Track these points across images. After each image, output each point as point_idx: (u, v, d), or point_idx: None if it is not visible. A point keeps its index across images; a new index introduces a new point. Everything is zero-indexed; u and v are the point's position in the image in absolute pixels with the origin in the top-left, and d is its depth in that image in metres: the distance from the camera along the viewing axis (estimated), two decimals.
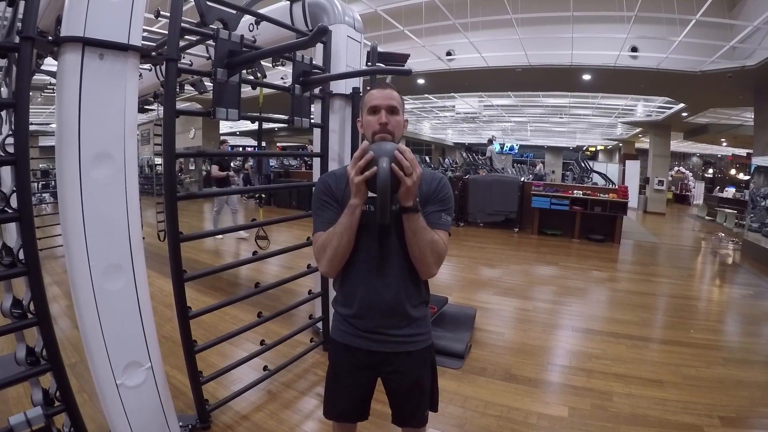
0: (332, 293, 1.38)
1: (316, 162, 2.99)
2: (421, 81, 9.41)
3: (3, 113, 2.07)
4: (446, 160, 12.75)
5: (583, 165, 11.02)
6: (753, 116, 8.10)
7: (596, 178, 10.95)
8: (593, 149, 22.58)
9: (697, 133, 13.75)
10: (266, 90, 2.66)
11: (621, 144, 19.88)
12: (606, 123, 15.63)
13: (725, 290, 5.32)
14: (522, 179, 8.90)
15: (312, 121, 2.70)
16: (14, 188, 1.42)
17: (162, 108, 2.05)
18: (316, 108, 2.91)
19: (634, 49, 6.67)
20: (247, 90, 2.49)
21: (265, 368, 2.51)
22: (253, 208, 8.41)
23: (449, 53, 7.61)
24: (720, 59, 6.31)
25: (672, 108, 10.62)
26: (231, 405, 2.30)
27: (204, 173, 15.82)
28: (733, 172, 19.23)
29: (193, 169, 15.49)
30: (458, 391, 2.54)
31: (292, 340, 2.84)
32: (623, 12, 5.82)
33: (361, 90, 2.89)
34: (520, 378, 2.73)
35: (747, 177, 13.08)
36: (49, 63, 2.56)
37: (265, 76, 3.27)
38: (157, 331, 1.77)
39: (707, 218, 10.00)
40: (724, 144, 16.89)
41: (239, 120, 2.20)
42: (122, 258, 1.58)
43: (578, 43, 6.74)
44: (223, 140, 8.87)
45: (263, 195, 5.26)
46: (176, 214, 1.90)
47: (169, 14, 1.80)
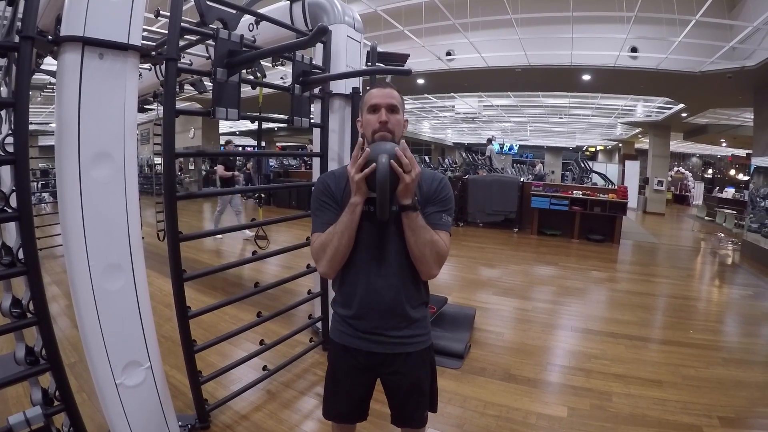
0: (332, 293, 1.38)
1: (316, 162, 2.99)
2: (421, 81, 9.41)
3: (3, 112, 2.07)
4: (446, 160, 12.75)
5: (583, 165, 11.02)
6: (752, 117, 8.11)
7: (596, 179, 10.96)
8: (593, 149, 22.59)
9: (697, 134, 13.76)
10: (266, 90, 2.66)
11: (620, 144, 19.89)
12: (605, 123, 15.63)
13: (724, 291, 5.32)
14: (521, 179, 8.91)
15: (312, 121, 2.70)
16: (14, 188, 1.42)
17: (162, 108, 2.05)
18: (316, 108, 2.91)
19: (634, 50, 6.68)
20: (247, 90, 2.49)
21: (265, 368, 2.51)
22: (253, 208, 8.40)
23: (449, 53, 7.61)
24: (720, 60, 6.32)
25: (671, 108, 10.63)
26: (230, 405, 2.30)
27: (204, 173, 15.83)
28: (733, 173, 19.26)
29: (193, 169, 15.49)
30: (457, 391, 2.54)
31: (292, 340, 2.84)
32: (623, 12, 5.82)
33: (361, 90, 2.89)
34: (520, 378, 2.73)
35: (746, 177, 13.10)
36: (49, 62, 2.56)
37: (265, 76, 3.27)
38: (157, 331, 1.77)
39: (707, 219, 10.01)
40: (724, 144, 16.91)
41: (239, 120, 2.20)
42: (122, 258, 1.58)
43: (578, 44, 6.74)
44: (228, 140, 8.77)
45: (263, 195, 5.26)
46: (176, 214, 1.90)
47: (169, 14, 1.80)
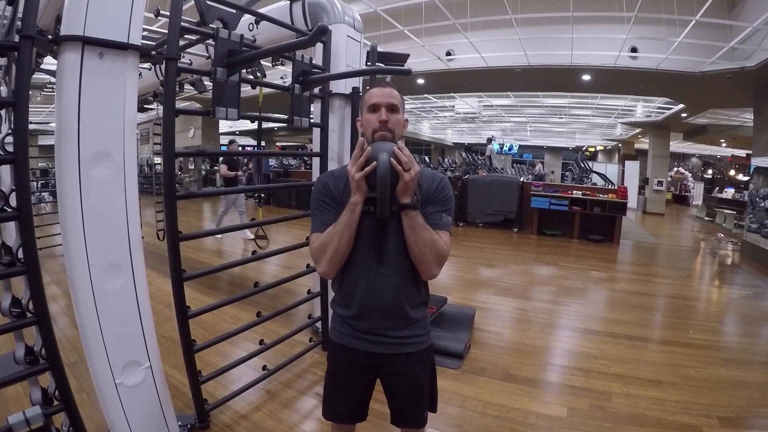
0: (332, 293, 1.37)
1: (316, 162, 2.99)
2: (421, 81, 9.41)
3: (2, 112, 2.07)
4: (445, 160, 12.75)
5: (583, 165, 11.02)
6: (752, 117, 8.11)
7: (595, 179, 10.96)
8: (593, 149, 22.59)
9: (697, 134, 13.77)
10: (266, 89, 2.66)
11: (620, 144, 19.90)
12: (605, 123, 15.64)
13: (724, 291, 5.33)
14: (521, 179, 8.91)
15: (311, 121, 2.70)
16: (13, 187, 1.42)
17: (161, 107, 2.05)
18: (316, 107, 2.91)
19: (634, 50, 6.68)
20: (247, 89, 2.49)
21: (264, 368, 2.51)
22: (253, 208, 8.40)
23: (449, 53, 7.61)
24: (719, 60, 6.32)
25: (671, 108, 10.64)
26: (230, 404, 2.30)
27: (203, 172, 15.82)
28: (733, 173, 19.27)
29: (193, 169, 15.49)
30: (457, 391, 2.54)
31: (291, 340, 2.84)
32: (623, 12, 5.82)
33: (361, 90, 2.89)
34: (519, 378, 2.73)
35: (746, 178, 13.11)
36: (49, 62, 2.56)
37: (265, 76, 3.27)
38: (156, 331, 1.77)
39: (706, 219, 10.02)
40: (724, 145, 16.92)
41: (239, 119, 2.20)
42: (121, 257, 1.58)
43: (578, 44, 6.74)
44: (232, 140, 8.66)
45: (262, 194, 5.26)
46: (175, 214, 1.90)
47: (169, 13, 1.80)
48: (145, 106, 4.77)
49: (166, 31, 1.85)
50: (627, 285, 5.19)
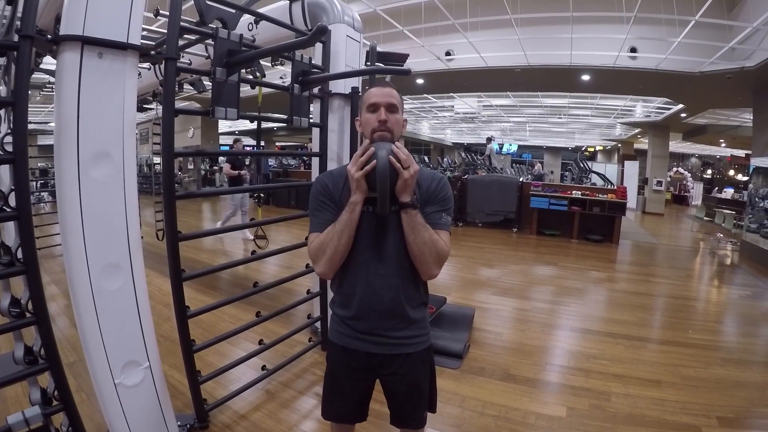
0: (331, 293, 1.37)
1: (315, 161, 2.99)
2: (420, 81, 9.41)
3: (2, 112, 2.07)
4: (445, 160, 12.75)
5: (582, 165, 11.02)
6: (752, 117, 8.12)
7: (595, 179, 10.96)
8: (592, 150, 22.61)
9: (696, 134, 13.77)
10: (265, 89, 2.66)
11: (620, 144, 19.90)
12: (605, 123, 15.64)
13: (723, 291, 5.33)
14: (521, 179, 8.91)
15: (311, 121, 2.70)
16: (13, 187, 1.41)
17: (161, 107, 2.05)
18: (315, 107, 2.91)
19: (633, 50, 6.68)
20: (246, 89, 2.49)
21: (264, 368, 2.51)
22: (252, 208, 8.40)
23: (448, 53, 7.61)
24: (719, 60, 6.32)
25: (671, 109, 10.64)
26: (229, 404, 2.30)
27: (203, 172, 15.82)
28: (732, 173, 19.29)
29: (192, 169, 15.49)
30: (456, 391, 2.54)
31: (291, 340, 2.84)
32: (622, 12, 5.82)
33: (360, 90, 2.89)
34: (519, 378, 2.74)
35: (745, 178, 13.12)
36: (48, 61, 2.56)
37: (264, 76, 3.27)
38: (156, 331, 1.77)
39: (706, 219, 10.02)
40: (723, 145, 16.93)
41: (238, 119, 2.20)
42: (121, 257, 1.58)
43: (577, 44, 6.74)
44: (237, 139, 8.47)
45: (262, 194, 5.24)
46: (175, 214, 1.90)
47: (168, 13, 1.80)
48: (145, 106, 4.77)
49: (166, 31, 1.85)
50: (626, 285, 5.19)
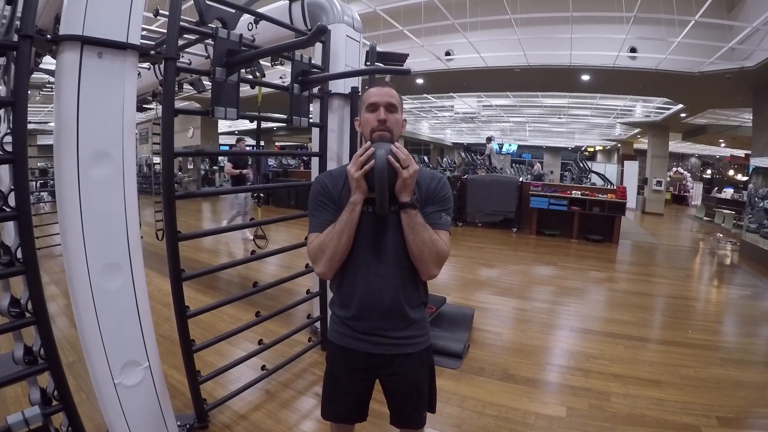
0: (330, 293, 1.37)
1: (315, 161, 2.99)
2: (420, 81, 9.41)
3: (1, 111, 2.07)
4: (444, 160, 12.74)
5: (582, 165, 11.02)
6: (751, 117, 8.12)
7: (595, 179, 10.96)
8: (592, 150, 22.61)
9: (696, 134, 13.77)
10: (265, 89, 2.65)
11: (619, 144, 19.90)
12: (604, 123, 15.64)
13: (723, 291, 5.33)
14: (520, 179, 8.91)
15: (311, 121, 2.69)
16: (12, 187, 1.41)
17: (160, 107, 2.05)
18: (315, 107, 2.91)
19: (633, 50, 6.68)
20: (246, 89, 2.49)
21: (263, 368, 2.51)
22: (252, 208, 8.40)
23: (448, 53, 7.61)
24: (719, 60, 6.32)
25: (670, 109, 10.64)
26: (229, 404, 2.30)
27: (203, 172, 15.81)
28: (732, 173, 19.29)
29: (192, 168, 15.48)
30: (456, 391, 2.54)
31: (290, 340, 2.84)
32: (622, 13, 5.82)
33: (360, 90, 2.89)
34: (518, 378, 2.74)
35: (745, 178, 13.13)
36: (48, 61, 2.56)
37: (264, 76, 3.27)
38: (155, 331, 1.77)
39: (705, 219, 10.02)
40: (723, 145, 16.93)
41: (238, 119, 2.20)
42: (120, 257, 1.58)
43: (577, 44, 6.74)
44: (240, 138, 8.37)
45: (261, 194, 5.23)
46: (174, 213, 1.90)
47: (168, 13, 1.79)
48: (144, 106, 4.77)
49: (165, 31, 1.85)
50: (626, 285, 5.19)
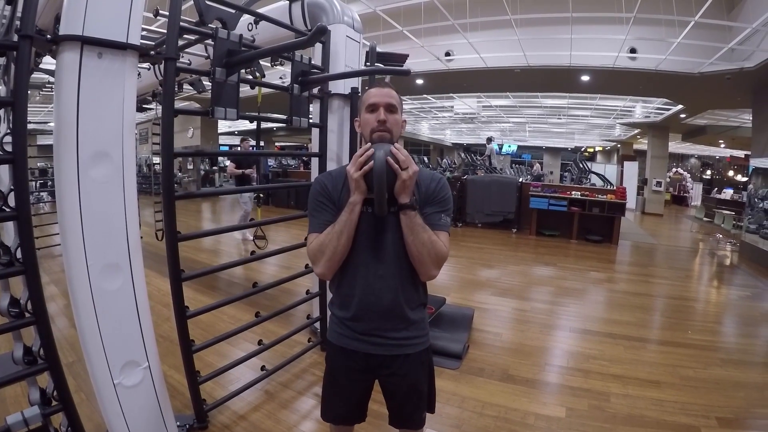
0: (330, 294, 1.37)
1: (315, 162, 2.99)
2: (420, 81, 9.41)
3: (1, 111, 2.07)
4: (444, 161, 12.74)
5: (582, 166, 11.01)
6: (751, 118, 8.12)
7: (594, 179, 10.96)
8: (591, 150, 22.61)
9: (696, 135, 13.78)
10: (265, 89, 2.65)
11: (619, 145, 19.91)
12: (604, 124, 15.65)
13: (723, 291, 5.33)
14: (520, 180, 8.92)
15: (310, 121, 2.70)
16: (12, 187, 1.41)
17: (160, 107, 2.05)
18: (315, 108, 2.91)
19: (633, 51, 6.68)
20: (246, 89, 2.49)
21: (263, 368, 2.51)
22: (252, 208, 8.39)
23: (448, 54, 7.61)
24: (718, 61, 6.32)
25: (670, 109, 10.64)
26: (228, 405, 2.30)
27: (202, 172, 15.80)
28: (731, 174, 19.28)
29: (192, 169, 15.48)
30: (456, 392, 2.54)
31: (290, 340, 2.84)
32: (622, 13, 5.83)
33: (360, 90, 2.89)
34: (518, 378, 2.74)
35: (745, 178, 13.13)
36: (48, 61, 2.55)
37: (264, 76, 3.27)
38: (155, 331, 1.77)
39: (705, 219, 10.02)
40: (723, 145, 16.94)
41: (238, 119, 2.20)
42: (120, 257, 1.58)
43: (577, 44, 6.74)
44: (244, 138, 8.26)
45: (261, 195, 5.23)
46: (174, 214, 1.90)
47: (168, 13, 1.80)
48: (144, 106, 4.77)
49: (165, 31, 1.85)
50: (626, 285, 5.19)
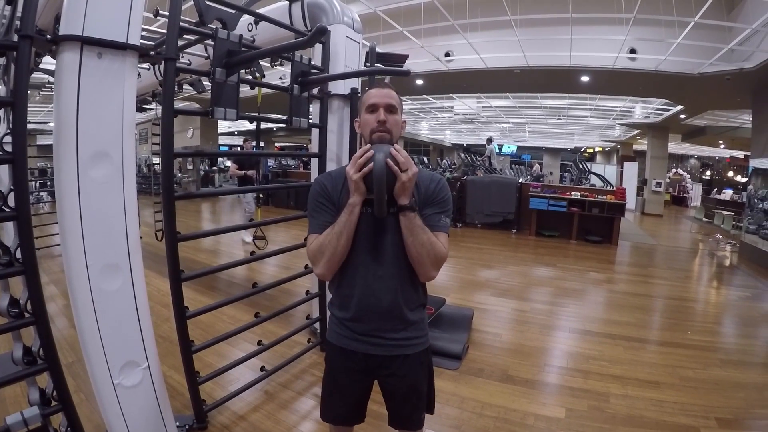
0: (330, 294, 1.37)
1: (314, 162, 2.99)
2: (420, 82, 9.41)
3: (1, 111, 2.07)
4: (444, 161, 12.74)
5: (581, 166, 11.02)
6: (751, 118, 8.13)
7: (594, 180, 10.96)
8: (591, 151, 22.62)
9: (695, 135, 13.79)
10: (265, 90, 2.65)
11: (619, 146, 19.93)
12: (604, 125, 15.66)
13: (722, 292, 5.34)
14: (520, 180, 8.92)
15: (310, 122, 2.70)
16: (12, 187, 1.41)
17: (160, 107, 2.05)
18: (315, 108, 2.91)
19: (633, 51, 6.69)
20: (246, 90, 2.49)
21: (263, 368, 2.51)
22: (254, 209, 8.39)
23: (448, 54, 7.62)
24: (718, 61, 6.33)
25: (670, 110, 10.65)
26: (228, 405, 2.30)
27: (202, 173, 15.80)
28: (731, 174, 19.29)
29: (192, 169, 15.48)
30: (455, 392, 2.54)
31: (290, 341, 2.84)
32: (622, 14, 5.83)
33: (360, 91, 2.89)
34: (518, 379, 2.74)
35: (745, 179, 13.14)
36: (48, 61, 2.55)
37: (264, 76, 3.27)
38: (155, 331, 1.77)
39: (705, 220, 10.03)
40: (722, 146, 16.94)
41: (237, 120, 2.20)
42: (120, 257, 1.58)
43: (577, 45, 6.75)
44: (247, 138, 8.17)
45: (261, 195, 5.23)
46: (174, 214, 1.90)
47: (168, 13, 1.80)
48: (144, 106, 4.76)
49: (165, 31, 1.85)
50: (625, 286, 5.19)
